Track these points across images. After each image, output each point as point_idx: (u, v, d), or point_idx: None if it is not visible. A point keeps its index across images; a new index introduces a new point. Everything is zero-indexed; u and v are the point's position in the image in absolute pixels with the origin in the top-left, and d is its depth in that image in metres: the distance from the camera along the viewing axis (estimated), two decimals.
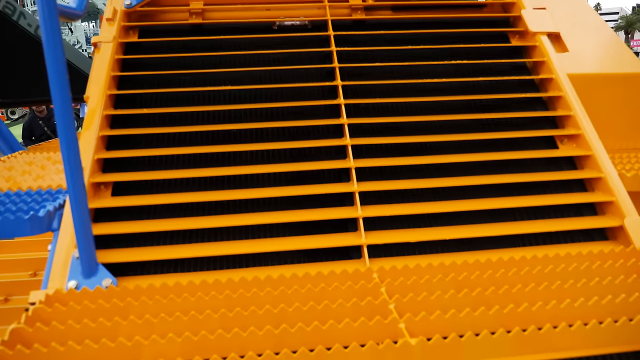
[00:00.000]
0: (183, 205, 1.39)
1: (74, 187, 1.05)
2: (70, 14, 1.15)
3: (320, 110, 1.63)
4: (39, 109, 5.87)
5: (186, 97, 1.64)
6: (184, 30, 1.87)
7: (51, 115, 5.93)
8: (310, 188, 1.42)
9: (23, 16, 2.86)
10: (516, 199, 1.45)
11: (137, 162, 1.48)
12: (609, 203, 1.43)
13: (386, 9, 1.98)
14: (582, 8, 2.10)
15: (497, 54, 1.85)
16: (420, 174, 1.50)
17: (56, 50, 0.96)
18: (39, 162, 1.90)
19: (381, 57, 1.78)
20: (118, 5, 1.80)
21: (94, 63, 1.66)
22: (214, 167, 1.46)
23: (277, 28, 1.89)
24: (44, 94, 2.88)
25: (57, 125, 1.02)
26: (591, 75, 1.82)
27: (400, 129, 1.60)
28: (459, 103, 1.68)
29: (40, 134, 5.80)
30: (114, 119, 1.56)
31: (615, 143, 1.86)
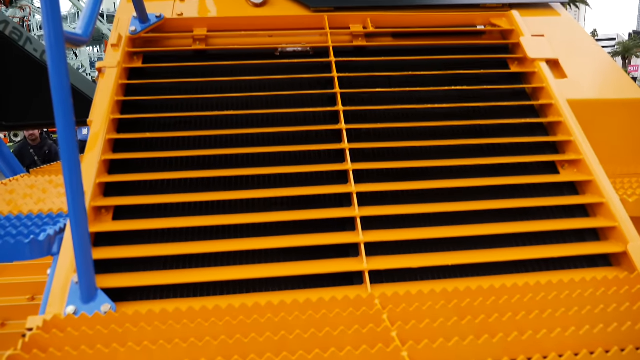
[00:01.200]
0: (184, 230, 1.39)
1: (75, 211, 1.05)
2: (76, 40, 1.17)
3: (322, 135, 1.64)
4: (32, 136, 5.63)
5: (189, 122, 1.65)
6: (188, 56, 1.90)
7: (44, 144, 5.73)
8: (312, 213, 1.41)
9: (29, 41, 2.92)
10: (518, 224, 1.44)
11: (139, 186, 1.49)
12: (611, 228, 1.42)
13: (387, 35, 2.02)
14: (580, 35, 2.13)
15: (497, 80, 1.88)
16: (421, 198, 1.50)
17: (61, 76, 0.97)
18: (41, 185, 1.90)
19: (382, 83, 1.80)
20: (123, 32, 1.84)
21: (98, 88, 1.68)
22: (216, 191, 1.46)
23: (279, 54, 1.92)
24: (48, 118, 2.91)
25: (60, 148, 1.03)
26: (590, 100, 1.83)
27: (401, 153, 1.61)
28: (460, 128, 1.69)
29: (30, 163, 5.47)
30: (117, 143, 1.57)
31: (617, 168, 1.87)
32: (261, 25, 1.99)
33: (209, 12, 2.10)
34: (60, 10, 0.99)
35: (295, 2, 2.10)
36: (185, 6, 2.08)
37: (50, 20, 0.94)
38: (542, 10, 2.20)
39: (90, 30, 1.24)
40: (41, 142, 5.73)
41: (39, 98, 2.90)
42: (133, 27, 1.86)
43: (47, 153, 5.73)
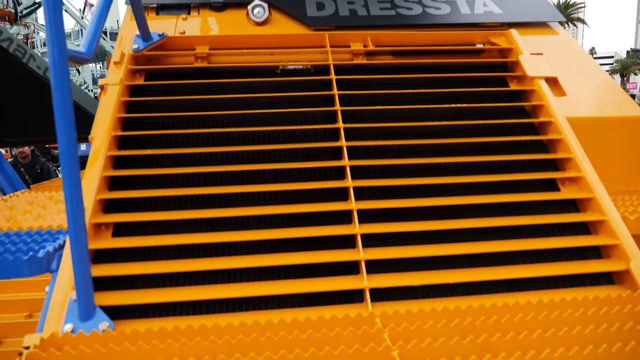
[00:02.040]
0: (183, 247, 1.38)
1: (74, 228, 1.04)
2: (79, 58, 1.18)
3: (323, 152, 1.64)
4: (22, 154, 5.38)
5: (190, 139, 1.66)
6: (189, 74, 1.92)
7: (35, 162, 5.51)
8: (312, 230, 1.41)
9: (33, 59, 2.94)
10: (520, 242, 1.44)
11: (139, 202, 1.48)
12: (613, 246, 1.42)
13: (387, 54, 2.04)
14: (578, 53, 2.15)
15: (497, 98, 1.89)
16: (422, 216, 1.49)
17: (64, 93, 0.98)
18: (41, 201, 1.90)
19: (382, 101, 1.81)
20: (126, 50, 1.85)
21: (100, 105, 1.69)
22: (216, 208, 1.46)
23: (280, 72, 1.93)
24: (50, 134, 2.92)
25: (61, 165, 1.03)
26: (589, 118, 1.84)
27: (402, 171, 1.61)
28: (461, 146, 1.69)
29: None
30: (118, 160, 1.57)
31: (617, 185, 1.87)
32: (262, 44, 2.01)
33: (210, 30, 2.13)
34: (64, 28, 1.00)
35: (297, 21, 2.13)
36: (188, 25, 2.11)
37: (54, 38, 0.95)
38: (540, 29, 2.23)
39: (94, 49, 1.25)
40: (32, 160, 5.49)
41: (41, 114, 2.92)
42: (136, 45, 1.88)
43: (38, 172, 5.48)
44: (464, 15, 2.19)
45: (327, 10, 2.14)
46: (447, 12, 2.20)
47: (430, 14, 2.18)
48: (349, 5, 2.17)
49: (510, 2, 2.27)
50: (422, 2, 2.22)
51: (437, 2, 2.23)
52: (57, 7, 0.96)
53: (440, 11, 2.19)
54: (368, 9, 2.16)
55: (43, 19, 0.96)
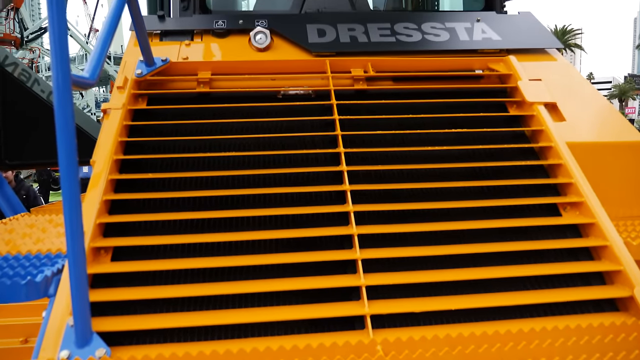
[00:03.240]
0: (182, 272, 1.37)
1: (73, 252, 1.04)
2: (82, 83, 1.20)
3: (323, 177, 1.64)
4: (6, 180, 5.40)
5: (191, 163, 1.66)
6: (192, 98, 1.93)
7: (20, 188, 5.42)
8: (312, 255, 1.40)
9: (37, 83, 2.98)
10: (523, 268, 1.42)
11: (139, 226, 1.48)
12: (616, 272, 1.40)
13: (387, 79, 2.06)
14: (576, 79, 2.17)
15: (497, 123, 1.90)
16: (423, 241, 1.48)
17: (67, 117, 0.99)
18: (41, 224, 1.89)
19: (383, 126, 1.82)
20: (129, 74, 1.88)
21: (102, 128, 1.70)
22: (216, 232, 1.45)
23: (281, 97, 1.95)
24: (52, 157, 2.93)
25: (62, 188, 1.03)
26: (589, 143, 1.85)
27: (403, 195, 1.60)
28: (461, 170, 1.69)
29: None
30: (119, 183, 1.57)
31: (619, 210, 1.86)
32: (264, 69, 2.04)
33: (213, 56, 2.16)
34: (69, 53, 1.01)
35: (298, 47, 2.16)
36: (191, 50, 2.14)
37: (58, 63, 0.97)
38: (538, 56, 2.25)
39: (97, 74, 1.27)
40: (17, 186, 5.35)
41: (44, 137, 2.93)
42: (139, 70, 1.90)
43: (24, 197, 5.37)
44: (463, 42, 2.23)
45: (328, 37, 2.17)
46: (446, 39, 2.23)
47: (429, 41, 2.21)
48: (350, 32, 2.20)
49: (508, 30, 2.31)
50: (422, 29, 2.26)
51: (437, 29, 2.26)
52: (63, 32, 0.98)
53: (440, 38, 2.23)
54: (368, 35, 2.20)
55: (48, 44, 0.97)
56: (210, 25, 2.22)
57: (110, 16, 1.50)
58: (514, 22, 2.38)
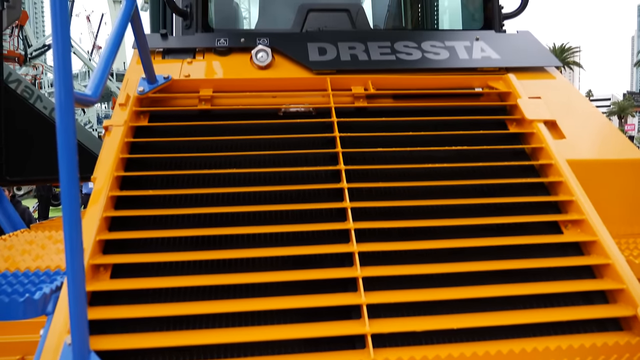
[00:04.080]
0: (182, 290, 1.36)
1: (73, 269, 1.03)
2: (85, 101, 1.21)
3: (324, 194, 1.64)
4: None
5: (192, 180, 1.66)
6: (193, 115, 1.94)
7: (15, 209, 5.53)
8: (312, 273, 1.39)
9: (40, 99, 3.00)
10: (525, 286, 1.41)
11: (139, 243, 1.47)
12: (619, 291, 1.39)
13: (387, 97, 2.07)
14: (575, 97, 2.19)
15: (497, 140, 1.90)
16: (424, 259, 1.47)
17: (68, 135, 0.99)
18: (40, 241, 1.88)
19: (383, 143, 1.82)
20: (131, 92, 1.89)
21: (104, 145, 1.70)
22: (216, 250, 1.45)
23: (282, 114, 1.96)
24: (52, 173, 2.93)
25: (62, 205, 1.03)
26: (589, 161, 1.85)
27: (403, 213, 1.60)
28: (462, 188, 1.69)
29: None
30: (119, 200, 1.57)
31: (620, 228, 1.85)
32: (265, 87, 2.05)
33: (215, 73, 2.17)
34: (72, 70, 1.02)
35: (299, 65, 2.18)
36: (193, 68, 2.16)
37: (61, 81, 0.97)
38: (537, 74, 2.27)
39: (100, 92, 1.27)
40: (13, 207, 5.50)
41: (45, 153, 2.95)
42: (141, 88, 1.92)
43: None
44: (463, 60, 2.25)
45: (329, 55, 2.19)
46: (445, 57, 2.25)
47: (429, 59, 2.23)
48: (350, 51, 2.22)
49: (507, 48, 2.33)
50: (422, 48, 2.28)
51: (436, 47, 2.28)
52: (66, 50, 0.99)
53: (439, 56, 2.25)
54: (369, 54, 2.22)
55: (51, 61, 0.98)
56: (213, 44, 2.24)
57: (114, 34, 1.52)
58: (513, 41, 2.41)
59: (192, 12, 2.36)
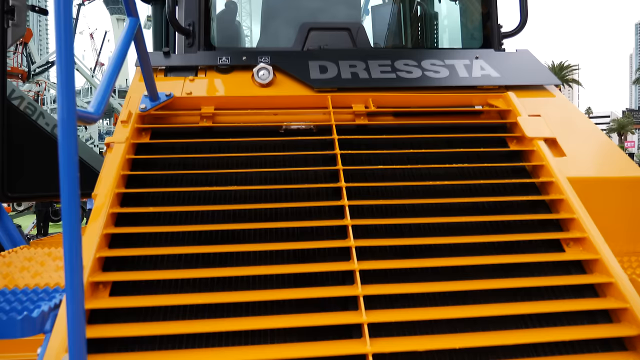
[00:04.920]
0: (182, 308, 1.35)
1: (72, 287, 1.02)
2: (87, 118, 1.21)
3: (325, 211, 1.64)
4: None
5: (192, 197, 1.66)
6: (195, 133, 1.95)
7: None
8: (313, 291, 1.38)
9: (42, 116, 3.02)
10: (527, 305, 1.40)
11: (139, 261, 1.47)
12: (623, 310, 1.38)
13: (388, 115, 2.08)
14: (575, 115, 2.20)
15: (497, 158, 1.90)
16: (425, 277, 1.46)
17: (70, 152, 0.99)
18: (39, 258, 1.87)
19: (384, 160, 1.83)
20: (133, 109, 1.90)
21: (105, 162, 1.71)
22: (217, 267, 1.44)
23: (283, 131, 1.97)
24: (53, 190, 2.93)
25: (62, 221, 1.02)
26: (590, 179, 1.85)
27: (404, 230, 1.60)
28: (463, 205, 1.69)
29: None
30: (120, 217, 1.57)
31: (622, 246, 1.84)
32: (267, 104, 2.07)
33: (216, 91, 2.19)
34: (75, 87, 1.03)
35: (300, 83, 2.20)
36: (195, 85, 2.17)
37: (64, 98, 0.98)
38: (537, 92, 2.29)
39: (102, 109, 1.28)
40: None
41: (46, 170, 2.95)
42: (143, 105, 1.93)
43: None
44: (462, 78, 2.26)
45: (330, 73, 2.21)
46: (445, 75, 2.27)
47: (429, 77, 2.25)
48: (351, 69, 2.24)
49: (506, 67, 2.35)
50: (422, 66, 2.30)
51: (436, 66, 2.30)
52: (70, 67, 1.00)
53: (439, 75, 2.26)
54: (369, 72, 2.24)
55: (54, 77, 0.99)
56: (214, 62, 2.26)
57: (117, 53, 1.54)
58: (512, 60, 2.43)
59: (194, 31, 2.39)
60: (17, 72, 24.26)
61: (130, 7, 1.62)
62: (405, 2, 3.43)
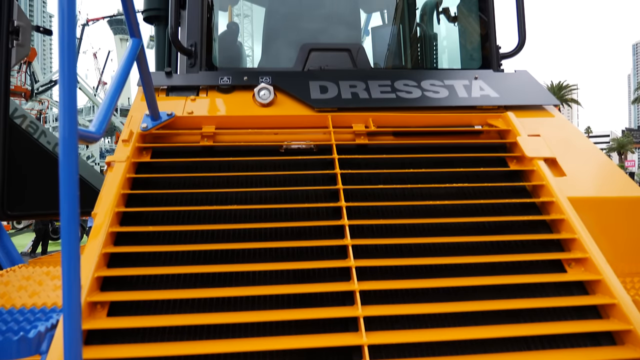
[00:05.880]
0: (179, 329, 1.33)
1: (69, 307, 1.01)
2: (89, 137, 1.22)
3: (325, 231, 1.63)
4: None
5: (193, 216, 1.66)
6: (195, 152, 1.96)
7: None
8: (313, 312, 1.36)
9: (44, 134, 3.04)
10: (530, 326, 1.38)
11: (138, 280, 1.45)
12: (627, 332, 1.36)
13: (388, 134, 2.09)
14: (575, 135, 2.20)
15: (498, 178, 1.90)
16: (426, 297, 1.45)
17: (71, 171, 0.99)
18: (37, 277, 1.86)
19: (384, 180, 1.83)
20: (135, 128, 1.91)
21: (105, 181, 1.71)
22: (216, 287, 1.43)
23: (284, 151, 1.97)
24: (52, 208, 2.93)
25: (61, 240, 1.02)
26: (591, 198, 1.85)
27: (405, 250, 1.59)
28: (464, 225, 1.68)
29: None
30: (119, 236, 1.56)
31: (624, 267, 1.83)
32: (267, 124, 2.08)
33: (218, 110, 2.20)
34: (77, 107, 1.03)
35: (301, 103, 2.21)
36: (196, 105, 2.19)
37: (66, 118, 0.98)
38: (536, 112, 2.30)
39: (104, 129, 1.29)
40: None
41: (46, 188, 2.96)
42: (144, 124, 1.94)
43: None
44: (462, 98, 2.28)
45: (330, 93, 2.23)
46: (445, 95, 2.28)
47: (429, 97, 2.26)
48: (351, 89, 2.26)
49: (505, 87, 2.37)
50: (421, 86, 2.31)
51: (436, 86, 2.32)
52: (72, 88, 1.00)
53: (439, 95, 2.28)
54: (369, 92, 2.25)
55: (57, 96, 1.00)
56: (216, 82, 2.28)
57: (119, 74, 1.55)
58: (511, 80, 2.45)
59: (196, 51, 2.42)
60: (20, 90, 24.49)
61: (133, 28, 1.64)
62: (404, 24, 3.48)
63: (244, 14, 5.76)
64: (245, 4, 4.54)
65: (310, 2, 3.19)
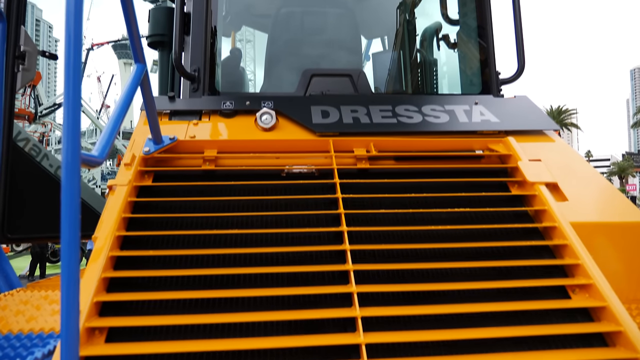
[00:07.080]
0: (178, 356, 1.31)
1: (67, 334, 1.00)
2: (91, 162, 1.22)
3: (326, 255, 1.62)
4: None
5: (194, 240, 1.65)
6: (197, 176, 1.96)
7: None
8: (314, 339, 1.34)
9: (46, 157, 3.05)
10: (535, 354, 1.36)
11: (137, 305, 1.44)
12: None
13: (389, 159, 2.10)
14: (575, 159, 2.21)
15: (499, 203, 1.90)
16: (428, 324, 1.43)
17: (73, 195, 0.99)
18: (35, 301, 1.84)
19: (386, 204, 1.82)
20: (137, 152, 1.92)
21: (107, 204, 1.71)
22: (217, 312, 1.41)
23: (285, 175, 1.98)
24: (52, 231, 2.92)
25: (61, 264, 1.01)
26: (593, 223, 1.84)
27: (407, 275, 1.57)
28: (466, 250, 1.67)
29: None
30: (120, 260, 1.55)
31: (629, 293, 1.81)
32: (269, 148, 2.09)
33: (220, 135, 2.22)
34: (80, 131, 1.04)
35: (302, 128, 2.23)
36: (198, 129, 2.20)
37: (69, 142, 0.99)
38: (536, 137, 2.31)
39: (106, 153, 1.30)
40: None
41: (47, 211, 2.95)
42: (147, 148, 1.95)
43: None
44: (462, 123, 2.29)
45: (332, 118, 2.25)
46: (446, 120, 2.30)
47: (430, 122, 2.28)
48: (353, 114, 2.28)
49: (506, 112, 2.38)
50: (422, 111, 2.33)
51: (436, 111, 2.34)
52: (76, 112, 1.01)
53: (440, 120, 2.30)
54: (370, 117, 2.27)
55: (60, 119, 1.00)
56: (219, 106, 2.30)
57: (123, 98, 1.57)
58: (511, 105, 2.47)
59: (199, 76, 2.45)
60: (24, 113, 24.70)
61: (138, 53, 1.67)
62: (405, 49, 3.53)
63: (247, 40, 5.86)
64: (248, 29, 4.62)
65: (312, 29, 3.24)
